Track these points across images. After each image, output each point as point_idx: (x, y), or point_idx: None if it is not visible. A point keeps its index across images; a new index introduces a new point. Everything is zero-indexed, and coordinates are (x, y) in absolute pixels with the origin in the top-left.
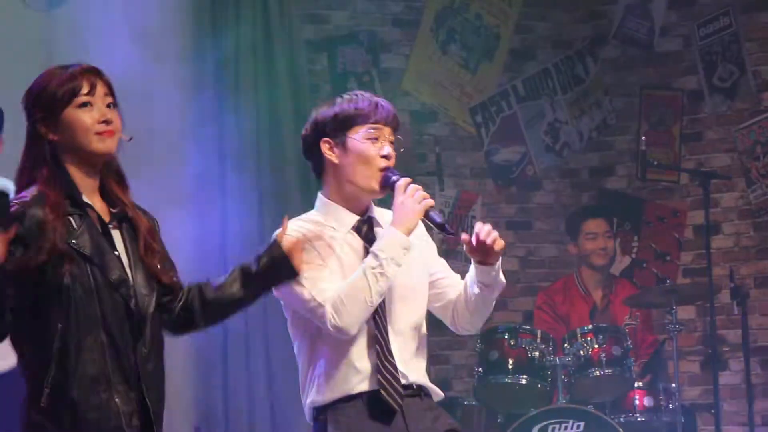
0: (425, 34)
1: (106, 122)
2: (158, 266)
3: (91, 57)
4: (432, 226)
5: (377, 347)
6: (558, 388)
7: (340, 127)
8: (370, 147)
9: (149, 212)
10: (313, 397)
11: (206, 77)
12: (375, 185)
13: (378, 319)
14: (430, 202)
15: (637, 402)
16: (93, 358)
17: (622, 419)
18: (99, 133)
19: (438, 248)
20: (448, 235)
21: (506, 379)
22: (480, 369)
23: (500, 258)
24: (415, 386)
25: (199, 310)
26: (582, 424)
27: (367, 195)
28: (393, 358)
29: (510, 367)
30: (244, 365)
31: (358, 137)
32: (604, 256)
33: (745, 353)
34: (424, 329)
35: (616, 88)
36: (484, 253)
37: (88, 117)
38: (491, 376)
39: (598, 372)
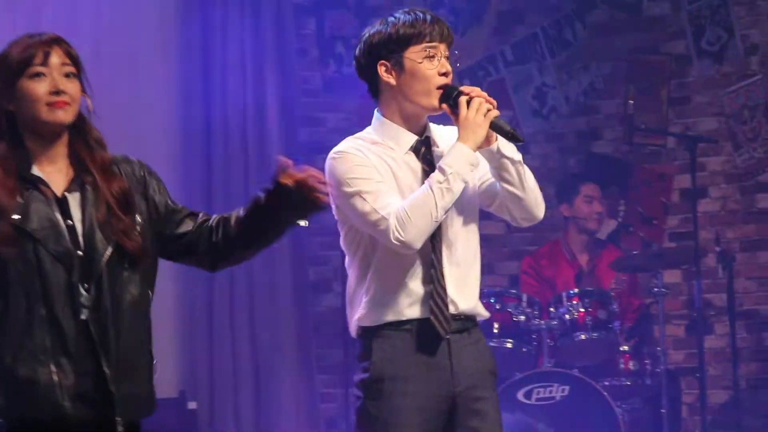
0: None
1: (58, 93)
2: (124, 231)
3: (79, 19)
4: (501, 136)
5: (431, 271)
6: (543, 352)
7: (395, 48)
8: (428, 66)
9: (132, 159)
10: (360, 314)
11: (193, 41)
12: (435, 102)
13: (433, 241)
14: (495, 112)
15: (622, 366)
16: (31, 332)
17: (607, 383)
18: (50, 104)
19: None
20: (519, 143)
21: (491, 343)
22: None
23: (496, 138)
24: (463, 316)
25: (224, 244)
26: (567, 387)
27: (428, 112)
28: (444, 284)
29: (495, 330)
30: (228, 329)
31: (414, 57)
32: (598, 221)
33: (731, 317)
34: (478, 252)
35: (604, 53)
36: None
37: (39, 87)
38: None
39: (583, 336)
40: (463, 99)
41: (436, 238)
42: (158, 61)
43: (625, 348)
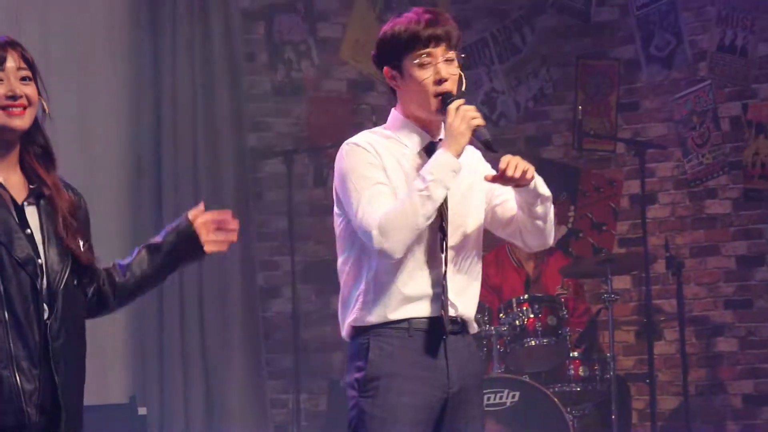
0: (362, 2)
1: (14, 97)
2: (77, 246)
3: (27, 22)
4: (480, 144)
5: (432, 273)
6: (493, 358)
7: (394, 54)
8: (422, 74)
9: (75, 189)
10: (356, 315)
11: (143, 45)
12: (434, 110)
13: (434, 245)
14: (478, 121)
15: (572, 372)
16: None
17: (557, 389)
18: (4, 108)
19: None
20: (494, 153)
21: None
22: None
23: (534, 177)
24: (460, 320)
25: (110, 294)
26: (517, 393)
27: (433, 117)
28: (446, 286)
29: None
30: (178, 334)
31: (409, 65)
32: None
33: (680, 323)
34: (479, 261)
35: (553, 58)
36: (516, 182)
37: None
38: None
39: (533, 342)
40: (452, 106)
41: (435, 240)
42: (108, 65)
43: (575, 354)
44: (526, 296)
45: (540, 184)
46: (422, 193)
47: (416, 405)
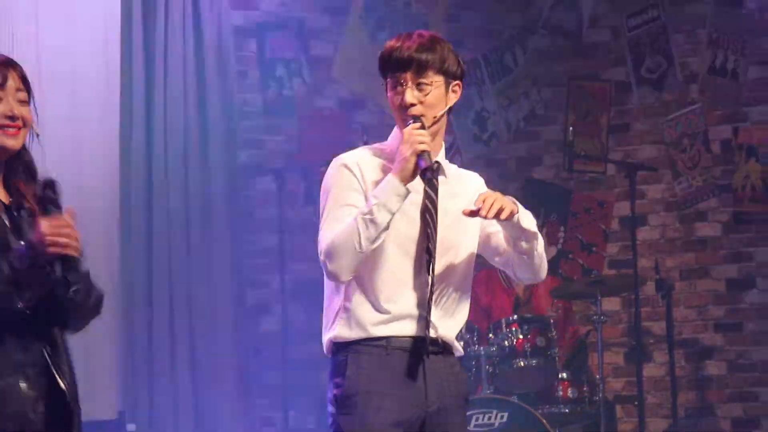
0: (354, 21)
1: (12, 118)
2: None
3: (19, 37)
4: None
5: (416, 293)
6: (482, 379)
7: (382, 75)
8: (393, 97)
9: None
10: (336, 330)
11: (134, 60)
12: None
13: (420, 265)
14: (423, 147)
15: (560, 393)
16: (3, 344)
17: (545, 410)
18: (1, 127)
19: None
20: (428, 181)
21: None
22: None
23: (517, 211)
24: (440, 341)
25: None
26: (506, 414)
27: None
28: (429, 308)
29: None
30: (168, 351)
31: (386, 86)
32: None
33: (670, 345)
34: (468, 286)
35: (544, 79)
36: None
37: None
38: None
39: (522, 362)
40: (406, 131)
41: (421, 260)
42: (99, 81)
43: (564, 375)
44: (515, 317)
45: (525, 220)
46: (366, 216)
47: (393, 422)
